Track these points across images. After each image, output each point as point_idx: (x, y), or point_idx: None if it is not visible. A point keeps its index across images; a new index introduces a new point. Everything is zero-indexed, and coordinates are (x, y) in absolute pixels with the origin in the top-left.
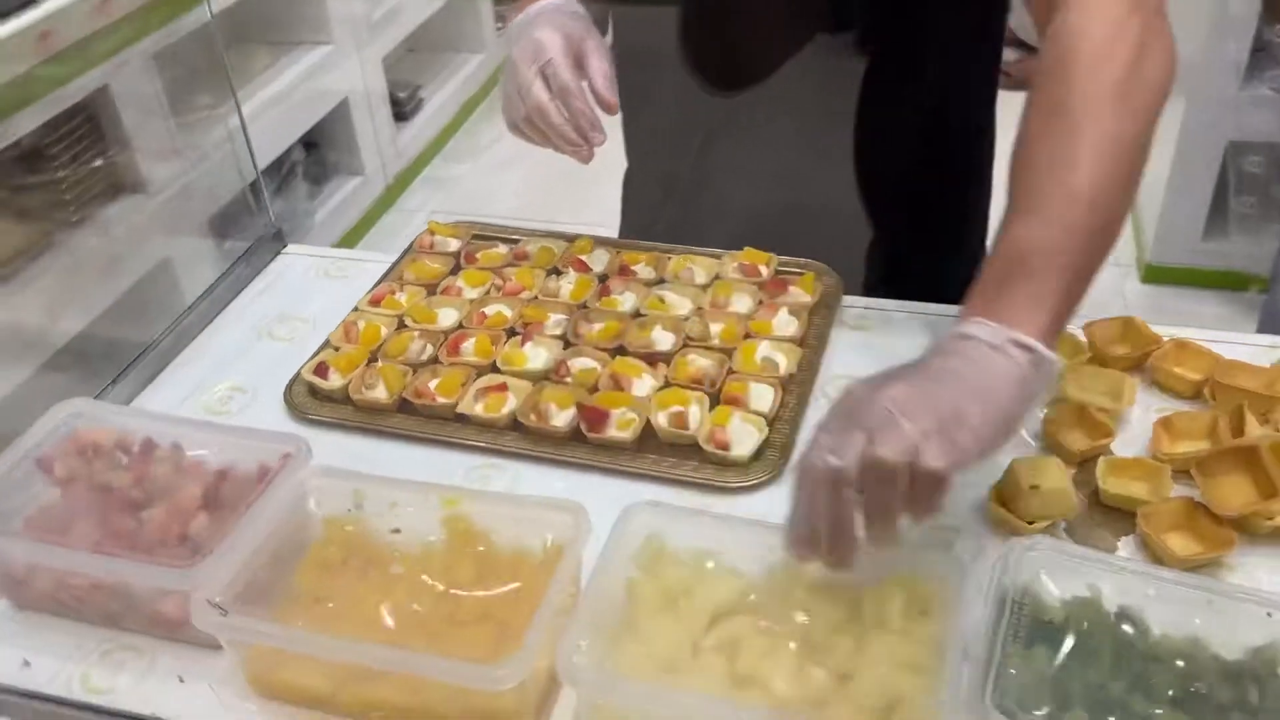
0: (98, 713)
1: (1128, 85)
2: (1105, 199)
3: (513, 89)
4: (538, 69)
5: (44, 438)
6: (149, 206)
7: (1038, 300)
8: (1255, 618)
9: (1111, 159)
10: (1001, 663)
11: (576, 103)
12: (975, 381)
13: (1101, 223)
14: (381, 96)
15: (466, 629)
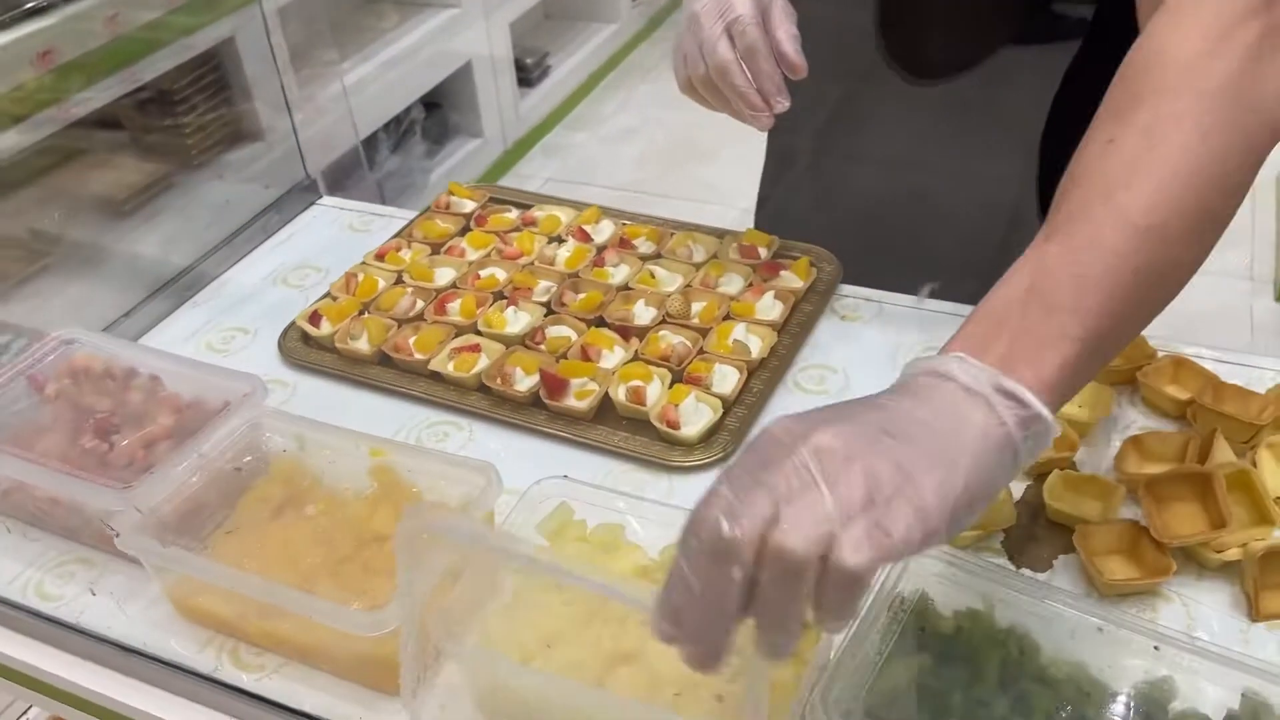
0: (38, 617)
1: (1222, 103)
2: (1168, 232)
3: (693, 45)
4: (724, 26)
5: (41, 359)
6: (265, 155)
7: (1048, 343)
8: (1143, 649)
9: (1184, 185)
10: (882, 666)
11: (764, 64)
12: (936, 441)
13: (1159, 261)
14: (506, 61)
15: (378, 578)
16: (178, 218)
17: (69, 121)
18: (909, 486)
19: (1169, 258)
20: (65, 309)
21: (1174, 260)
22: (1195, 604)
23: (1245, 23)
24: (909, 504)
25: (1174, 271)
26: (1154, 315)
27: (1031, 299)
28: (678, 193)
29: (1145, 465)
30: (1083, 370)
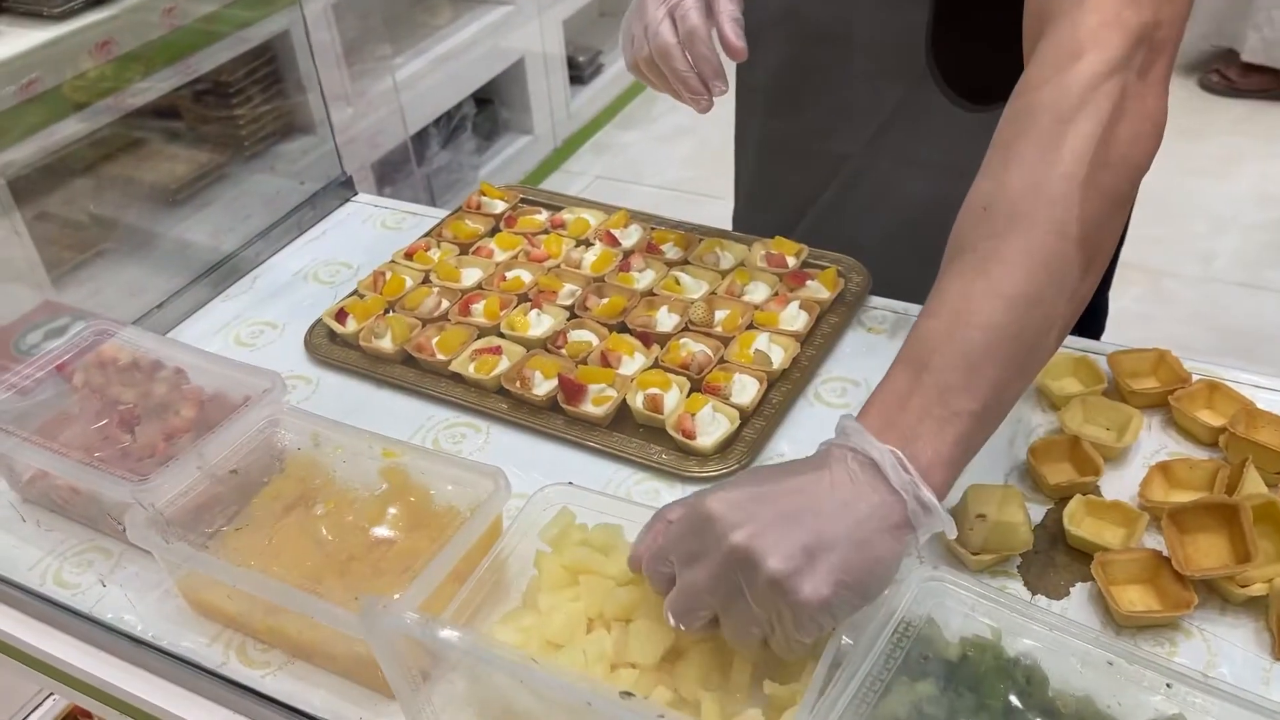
0: (55, 606)
1: (1082, 169)
2: (1042, 294)
3: (639, 28)
4: (666, 10)
5: (73, 350)
6: (316, 149)
7: (945, 421)
8: (1155, 686)
9: (1050, 250)
10: (883, 693)
11: (702, 48)
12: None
13: (1036, 320)
14: (559, 59)
15: (385, 578)
16: (227, 208)
17: (127, 111)
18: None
19: (1044, 315)
20: (117, 295)
21: (1048, 315)
22: (1216, 639)
23: (1109, 79)
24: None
25: (1048, 336)
26: (1042, 362)
27: (926, 379)
28: (726, 193)
29: (1171, 493)
30: (979, 435)
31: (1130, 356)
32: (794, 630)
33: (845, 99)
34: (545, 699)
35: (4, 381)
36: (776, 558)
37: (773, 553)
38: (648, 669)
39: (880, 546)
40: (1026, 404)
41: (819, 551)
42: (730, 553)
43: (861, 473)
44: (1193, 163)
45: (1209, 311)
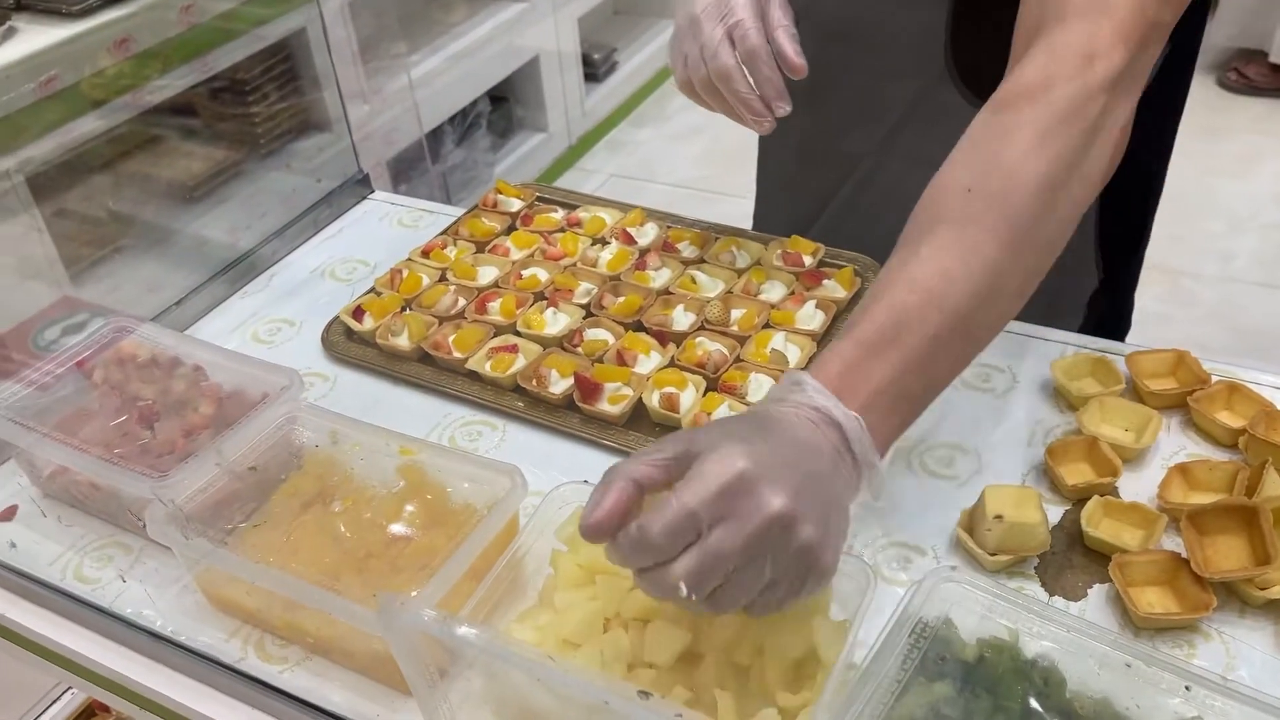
0: (75, 601)
1: (1056, 179)
2: (999, 284)
3: (693, 48)
4: (725, 30)
5: (90, 346)
6: (332, 145)
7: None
8: (1174, 689)
9: (1022, 250)
10: (899, 693)
11: (765, 69)
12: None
13: (991, 322)
14: (574, 57)
15: (403, 575)
16: (243, 205)
17: (144, 108)
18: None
19: (1000, 313)
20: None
21: (1004, 314)
22: (1235, 642)
23: (1092, 100)
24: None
25: (1001, 322)
26: (949, 376)
27: (893, 355)
28: (740, 191)
29: (1191, 495)
30: (912, 419)
31: (1149, 357)
32: (800, 595)
33: (863, 97)
34: (562, 697)
35: (24, 378)
36: (810, 526)
37: (807, 520)
38: (665, 669)
39: (847, 516)
40: (1045, 404)
41: (830, 519)
42: (772, 518)
43: (837, 441)
44: (1212, 162)
45: (1228, 311)
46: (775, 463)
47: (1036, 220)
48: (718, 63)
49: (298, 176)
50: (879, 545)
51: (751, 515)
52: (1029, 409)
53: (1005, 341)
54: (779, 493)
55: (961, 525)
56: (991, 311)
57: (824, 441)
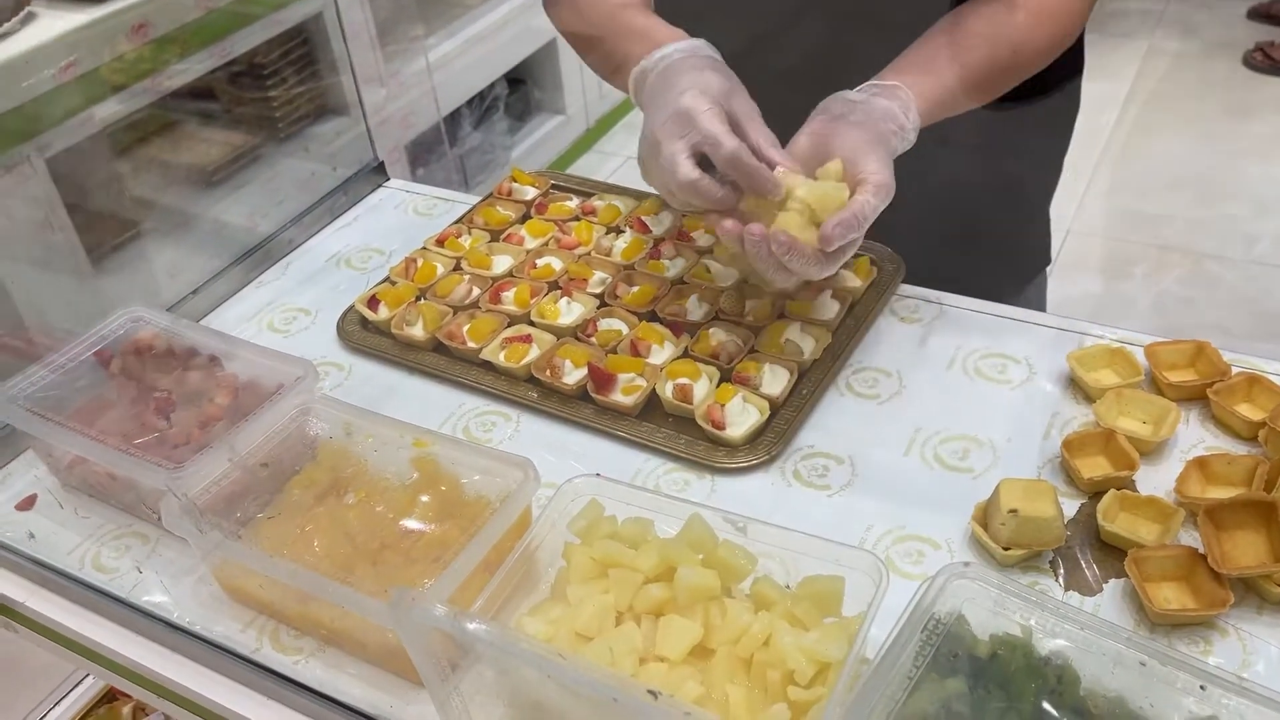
0: (93, 590)
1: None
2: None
3: (657, 172)
4: (687, 145)
5: (108, 335)
6: (349, 129)
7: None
8: (1189, 688)
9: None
10: (911, 690)
11: (748, 165)
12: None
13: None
14: None
15: (416, 566)
16: (261, 191)
17: (163, 93)
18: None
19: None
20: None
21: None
22: (1252, 638)
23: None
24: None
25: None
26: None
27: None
28: None
29: (1208, 489)
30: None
31: (1168, 348)
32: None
33: (798, 49)
34: (573, 693)
35: (47, 363)
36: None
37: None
38: (676, 663)
39: None
40: (1062, 396)
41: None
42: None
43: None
44: (1237, 143)
45: (1252, 295)
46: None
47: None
48: (678, 180)
49: (314, 162)
50: (892, 539)
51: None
52: (1045, 401)
53: (1021, 332)
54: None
55: (976, 519)
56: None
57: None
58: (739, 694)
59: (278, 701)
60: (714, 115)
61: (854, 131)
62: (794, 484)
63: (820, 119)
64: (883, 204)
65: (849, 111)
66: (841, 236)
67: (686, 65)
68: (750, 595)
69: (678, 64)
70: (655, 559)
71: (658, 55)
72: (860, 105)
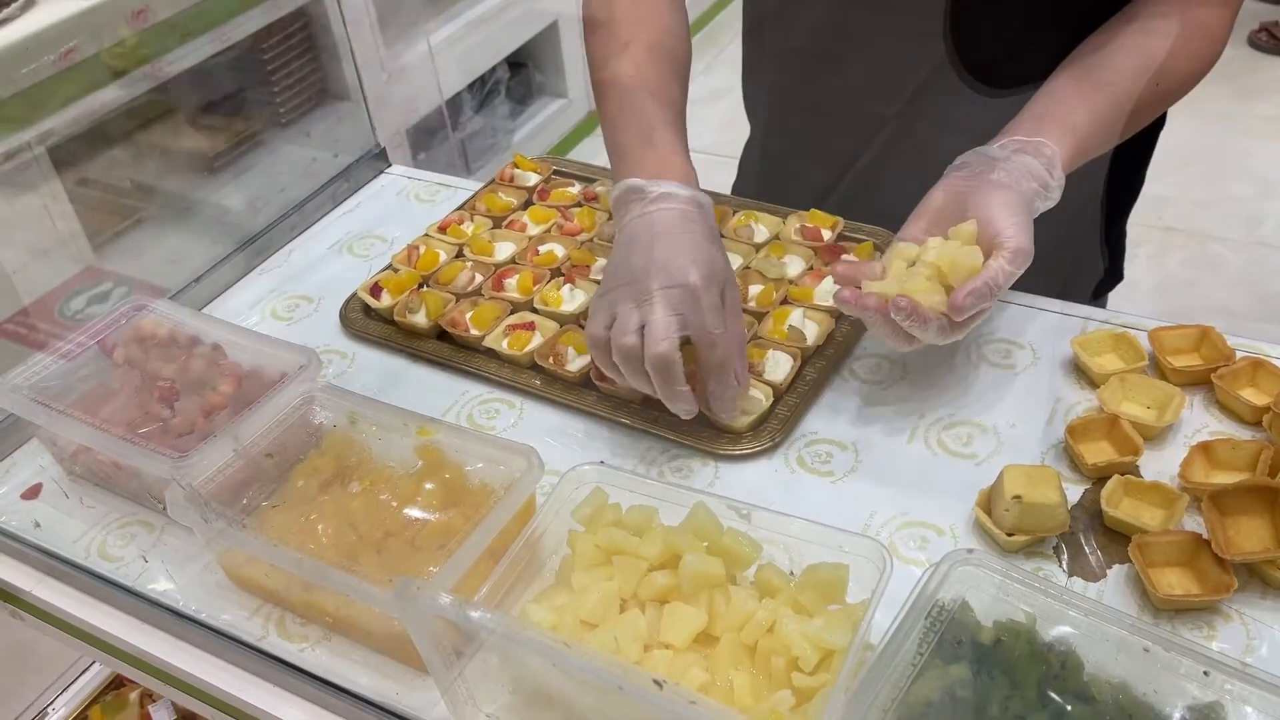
0: (98, 579)
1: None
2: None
3: (630, 315)
4: (682, 327)
5: (111, 324)
6: (351, 115)
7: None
8: (1192, 674)
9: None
10: (916, 676)
11: (735, 380)
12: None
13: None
14: None
15: (421, 554)
16: (262, 178)
17: (163, 79)
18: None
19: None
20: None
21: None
22: (1256, 623)
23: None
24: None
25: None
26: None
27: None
28: None
29: (1213, 474)
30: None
31: (1172, 333)
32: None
33: (884, 61)
34: (577, 681)
35: (50, 348)
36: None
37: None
38: (681, 650)
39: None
40: (1065, 381)
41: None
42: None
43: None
44: (1241, 124)
45: (1256, 276)
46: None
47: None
48: (656, 349)
49: (316, 149)
50: (896, 525)
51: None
52: (1049, 386)
53: (1025, 317)
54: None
55: (979, 505)
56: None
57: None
58: (743, 680)
59: (283, 689)
60: (717, 307)
61: (994, 192)
62: (797, 470)
63: (958, 175)
64: (1019, 271)
65: (989, 169)
66: (973, 306)
67: (694, 222)
68: (754, 582)
69: (685, 214)
70: (660, 547)
71: (663, 189)
72: (1002, 163)
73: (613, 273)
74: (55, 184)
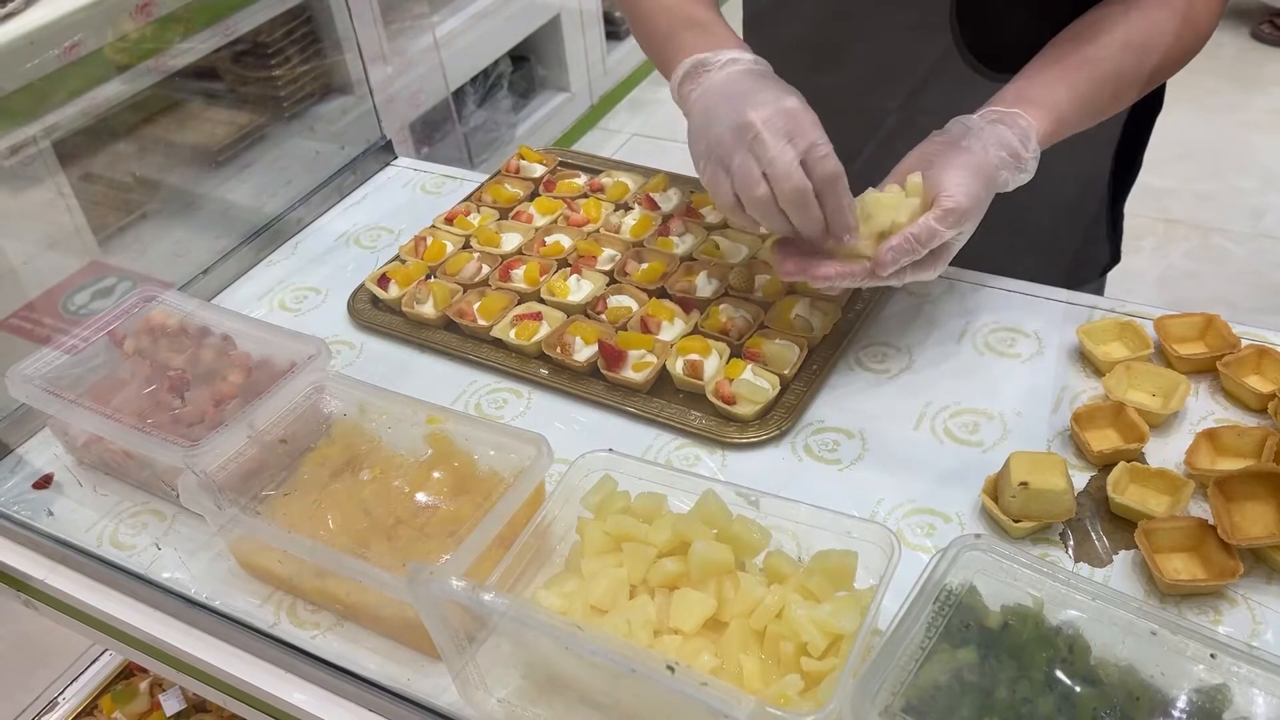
0: (111, 567)
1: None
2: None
3: (747, 162)
4: (797, 150)
5: (121, 315)
6: (354, 108)
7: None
8: (1199, 656)
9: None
10: (924, 660)
11: (843, 198)
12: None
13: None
14: (595, 14)
15: (431, 541)
16: (268, 171)
17: (168, 73)
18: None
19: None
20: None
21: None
22: (1262, 608)
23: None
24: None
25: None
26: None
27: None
28: None
29: (1218, 461)
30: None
31: (1177, 321)
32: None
33: (887, 53)
34: (589, 665)
35: (55, 343)
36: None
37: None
38: (691, 635)
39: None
40: (1071, 369)
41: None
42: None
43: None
44: (1244, 115)
45: (1259, 268)
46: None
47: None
48: (791, 183)
49: (321, 141)
50: (903, 512)
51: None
52: (1055, 374)
53: (1030, 305)
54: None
55: (986, 492)
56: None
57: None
58: (753, 665)
59: (295, 675)
60: (818, 124)
61: (955, 155)
62: (805, 459)
63: (934, 141)
64: (951, 229)
65: (962, 136)
66: (894, 261)
67: (768, 77)
68: (763, 569)
69: (756, 73)
70: (669, 534)
71: (726, 56)
72: (974, 131)
73: (705, 131)
74: (60, 178)
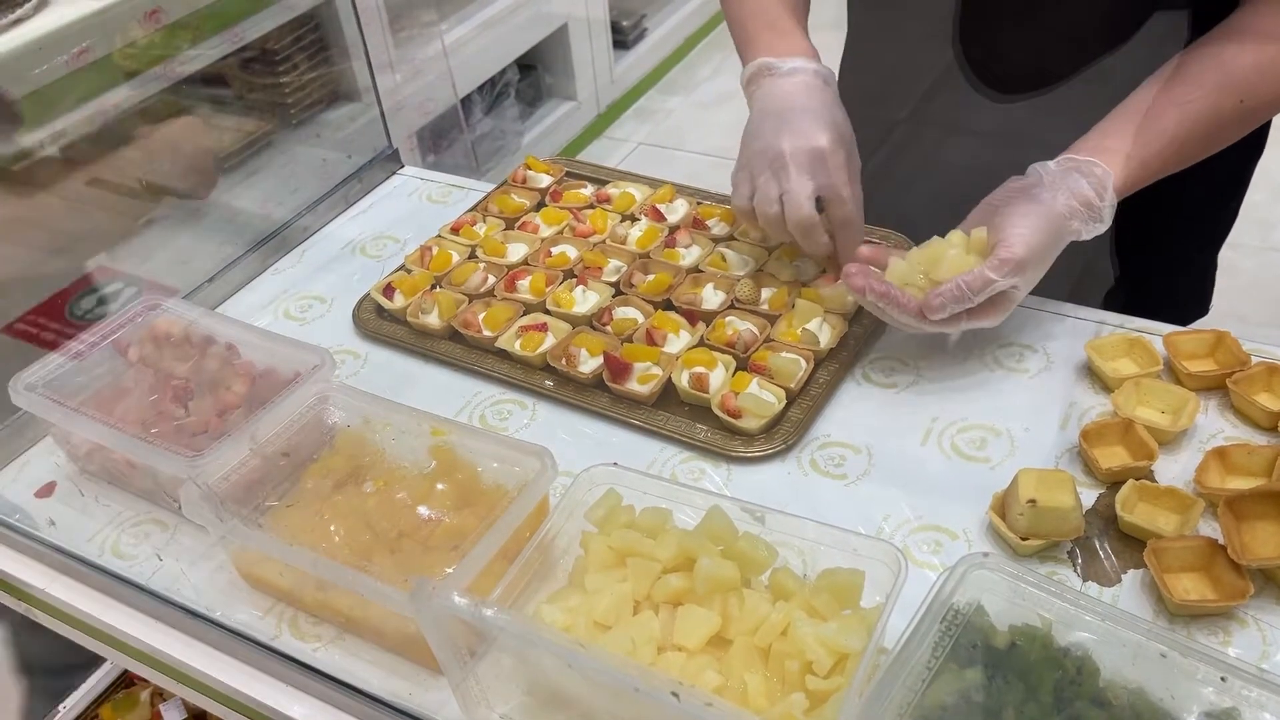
0: (112, 577)
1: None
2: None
3: (770, 186)
4: (815, 186)
5: (125, 323)
6: (362, 115)
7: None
8: (1209, 679)
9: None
10: (931, 680)
11: (853, 241)
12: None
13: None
14: (602, 24)
15: (434, 554)
16: (274, 178)
17: (176, 79)
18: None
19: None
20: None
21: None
22: (1272, 629)
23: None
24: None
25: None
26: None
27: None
28: None
29: (1228, 479)
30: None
31: (1187, 338)
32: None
33: (902, 63)
34: (592, 682)
35: (61, 348)
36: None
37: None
38: (695, 652)
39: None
40: (1079, 385)
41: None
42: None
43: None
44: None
45: (1269, 281)
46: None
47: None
48: (800, 214)
49: (328, 149)
50: (910, 528)
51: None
52: (1063, 390)
53: (1039, 321)
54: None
55: (993, 509)
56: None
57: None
58: (757, 683)
59: (296, 688)
60: (843, 166)
61: (1023, 204)
62: (811, 473)
63: (1007, 187)
64: (1006, 280)
65: (1035, 184)
66: (941, 308)
67: (821, 93)
68: (768, 586)
69: (812, 86)
70: (674, 549)
71: (790, 65)
72: (1047, 179)
73: (749, 141)
74: (67, 184)
